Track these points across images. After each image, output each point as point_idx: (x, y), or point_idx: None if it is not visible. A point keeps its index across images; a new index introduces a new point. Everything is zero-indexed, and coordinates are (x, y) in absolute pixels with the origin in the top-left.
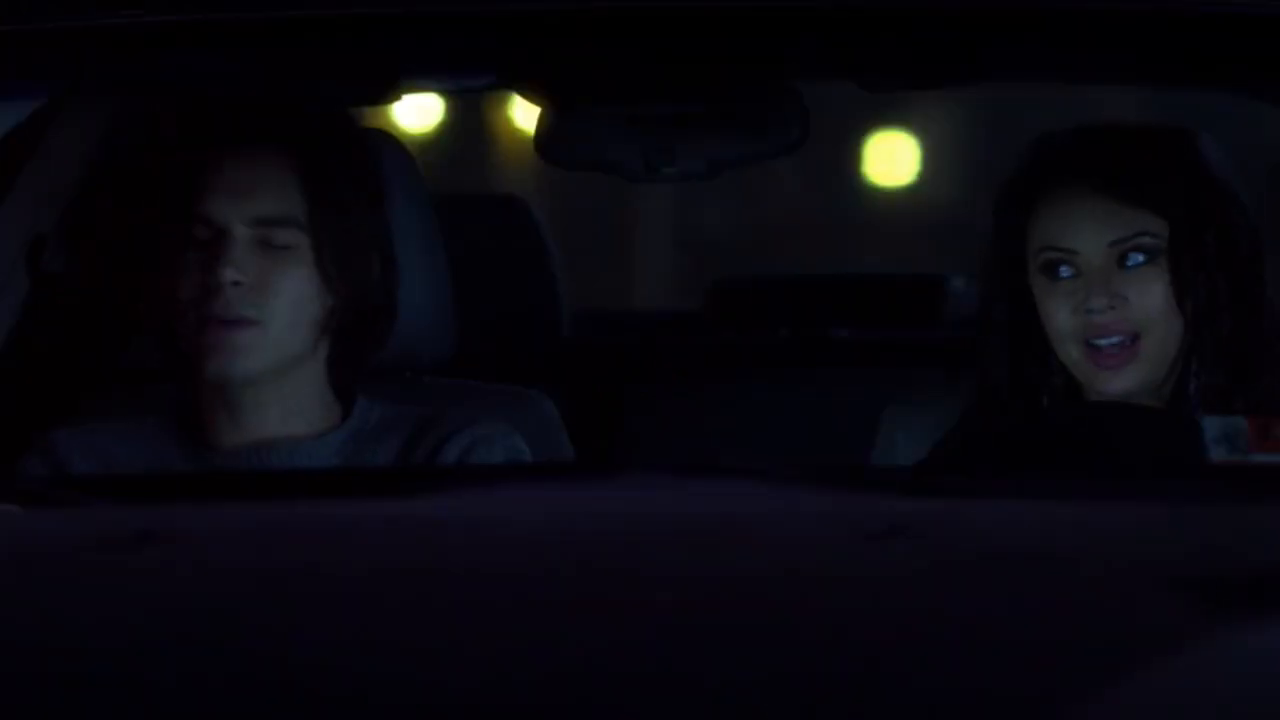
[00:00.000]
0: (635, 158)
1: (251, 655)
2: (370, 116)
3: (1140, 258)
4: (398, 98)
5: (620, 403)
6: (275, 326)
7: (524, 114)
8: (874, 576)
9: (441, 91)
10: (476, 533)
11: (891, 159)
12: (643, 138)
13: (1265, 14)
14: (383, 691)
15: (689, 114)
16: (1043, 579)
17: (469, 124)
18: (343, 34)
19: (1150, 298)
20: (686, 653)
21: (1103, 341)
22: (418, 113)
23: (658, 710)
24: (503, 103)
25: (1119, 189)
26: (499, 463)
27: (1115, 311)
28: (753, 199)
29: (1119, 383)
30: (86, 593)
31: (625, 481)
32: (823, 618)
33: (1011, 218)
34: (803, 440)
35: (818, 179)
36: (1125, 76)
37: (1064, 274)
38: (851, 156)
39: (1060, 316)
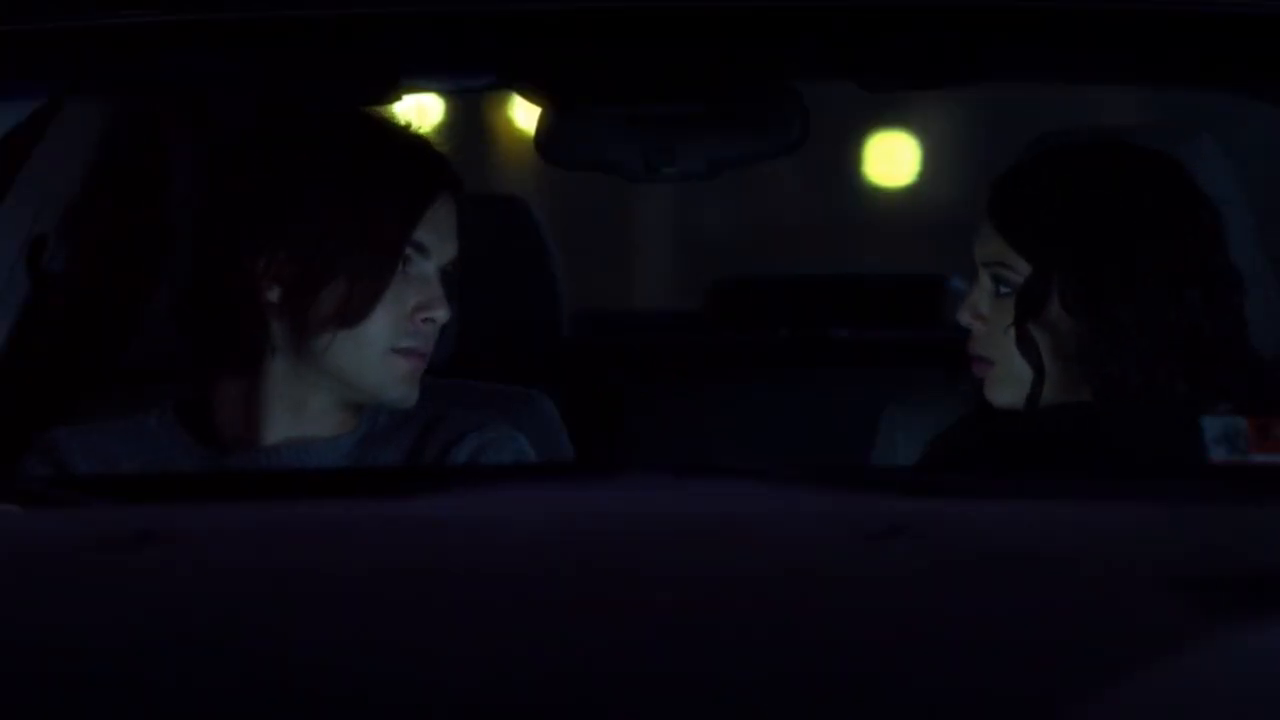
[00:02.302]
0: (635, 158)
1: (251, 655)
2: None
3: (1005, 288)
4: (398, 98)
5: (620, 403)
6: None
7: (524, 114)
8: (874, 576)
9: (441, 91)
10: (476, 533)
11: (891, 159)
12: (643, 138)
13: (1265, 14)
14: (383, 691)
15: (689, 114)
16: (1043, 579)
17: (469, 124)
18: (343, 34)
19: (995, 329)
20: (686, 653)
21: (971, 350)
22: (418, 113)
23: (658, 710)
24: (503, 103)
25: (990, 212)
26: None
27: (975, 327)
28: (753, 199)
29: (987, 394)
30: (86, 593)
31: (625, 481)
32: (823, 618)
33: None
34: (803, 440)
35: (818, 179)
36: (1125, 76)
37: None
38: (851, 156)
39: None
